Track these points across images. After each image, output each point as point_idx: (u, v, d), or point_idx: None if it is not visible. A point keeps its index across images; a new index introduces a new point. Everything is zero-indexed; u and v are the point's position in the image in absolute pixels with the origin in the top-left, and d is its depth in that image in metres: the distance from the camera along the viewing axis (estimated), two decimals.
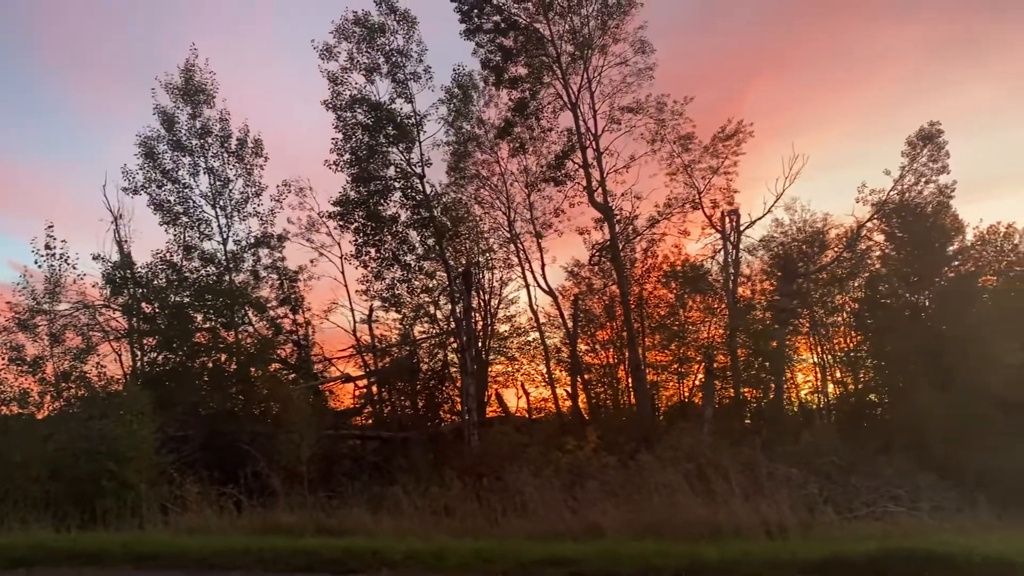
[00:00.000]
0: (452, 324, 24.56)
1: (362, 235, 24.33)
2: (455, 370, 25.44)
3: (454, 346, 24.99)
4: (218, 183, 24.17)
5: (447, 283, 24.94)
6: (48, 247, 19.32)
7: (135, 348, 21.83)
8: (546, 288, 27.95)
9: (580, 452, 13.77)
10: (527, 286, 28.33)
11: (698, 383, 28.12)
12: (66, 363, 19.17)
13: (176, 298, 22.17)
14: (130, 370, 21.38)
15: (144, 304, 22.19)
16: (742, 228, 26.86)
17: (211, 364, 21.62)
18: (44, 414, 17.46)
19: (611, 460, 12.42)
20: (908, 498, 11.93)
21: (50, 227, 19.33)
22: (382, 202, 24.12)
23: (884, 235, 26.14)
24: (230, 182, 24.39)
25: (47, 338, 19.38)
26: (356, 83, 23.34)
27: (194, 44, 26.22)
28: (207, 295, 22.41)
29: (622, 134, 25.82)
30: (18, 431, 13.85)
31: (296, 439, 14.89)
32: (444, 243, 24.73)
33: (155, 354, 21.47)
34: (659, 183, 27.87)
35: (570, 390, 28.06)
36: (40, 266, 19.46)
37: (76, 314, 20.36)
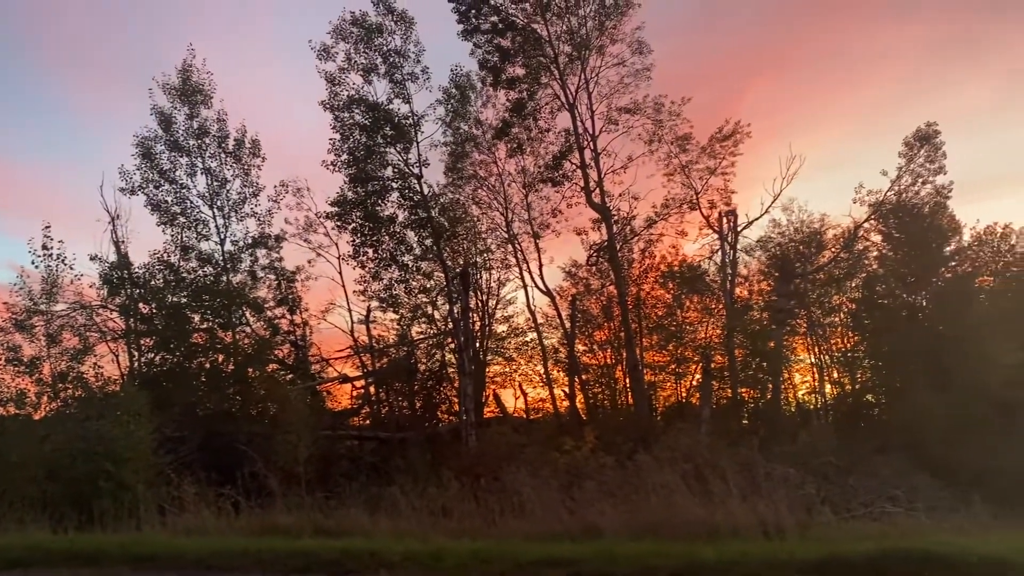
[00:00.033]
0: (450, 324, 24.56)
1: (360, 235, 24.36)
2: (453, 370, 25.46)
3: (452, 346, 25.01)
4: (215, 183, 24.12)
5: (445, 283, 24.98)
6: (45, 247, 19.30)
7: (132, 349, 21.82)
8: (544, 288, 28.02)
9: (578, 452, 13.79)
10: (525, 286, 28.46)
11: (695, 383, 28.14)
12: (63, 364, 19.11)
13: (173, 298, 22.12)
14: (127, 371, 21.34)
15: (141, 304, 22.16)
16: (739, 228, 27.00)
17: (208, 365, 21.56)
18: (41, 415, 17.42)
19: (609, 460, 12.39)
20: (905, 498, 11.97)
21: (47, 227, 19.32)
22: (380, 202, 24.12)
23: (881, 235, 26.23)
24: (227, 182, 24.35)
25: (44, 339, 19.33)
26: (354, 83, 23.37)
27: (191, 44, 26.23)
28: (204, 295, 22.36)
29: (620, 135, 25.91)
30: (15, 432, 13.84)
31: (294, 440, 14.87)
32: (442, 243, 24.73)
33: (152, 355, 21.43)
34: (657, 184, 27.88)
35: (568, 390, 28.07)
36: (37, 266, 19.44)
37: (73, 315, 20.32)
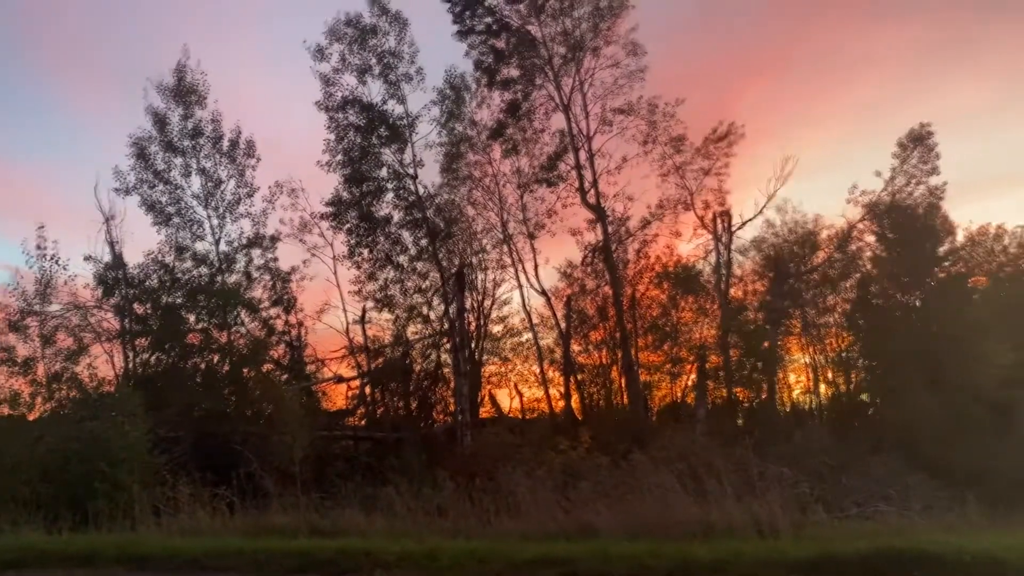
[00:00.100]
0: (445, 325, 24.59)
1: (355, 236, 24.37)
2: (448, 371, 25.43)
3: (447, 347, 25.01)
4: (210, 184, 24.00)
5: (440, 284, 24.95)
6: (39, 248, 19.27)
7: (127, 349, 21.79)
8: (539, 289, 28.00)
9: (573, 452, 13.85)
10: (520, 287, 28.42)
11: (690, 383, 28.22)
12: (58, 364, 19.10)
13: (168, 299, 22.07)
14: (122, 371, 21.32)
15: (136, 305, 22.11)
16: (734, 229, 27.09)
17: (203, 365, 21.56)
18: (35, 415, 17.42)
19: (604, 460, 12.43)
20: (899, 498, 11.99)
21: (41, 228, 19.30)
22: (375, 203, 24.13)
23: (875, 236, 26.30)
24: (222, 183, 24.21)
25: (38, 339, 19.30)
26: (348, 84, 23.38)
27: (186, 45, 26.09)
28: (199, 296, 22.28)
29: (614, 136, 25.98)
30: (9, 432, 13.81)
31: (289, 440, 14.86)
32: (437, 244, 24.71)
33: (147, 355, 21.43)
34: (651, 184, 27.99)
35: (563, 391, 28.09)
36: (31, 267, 19.40)
37: (68, 315, 20.29)
